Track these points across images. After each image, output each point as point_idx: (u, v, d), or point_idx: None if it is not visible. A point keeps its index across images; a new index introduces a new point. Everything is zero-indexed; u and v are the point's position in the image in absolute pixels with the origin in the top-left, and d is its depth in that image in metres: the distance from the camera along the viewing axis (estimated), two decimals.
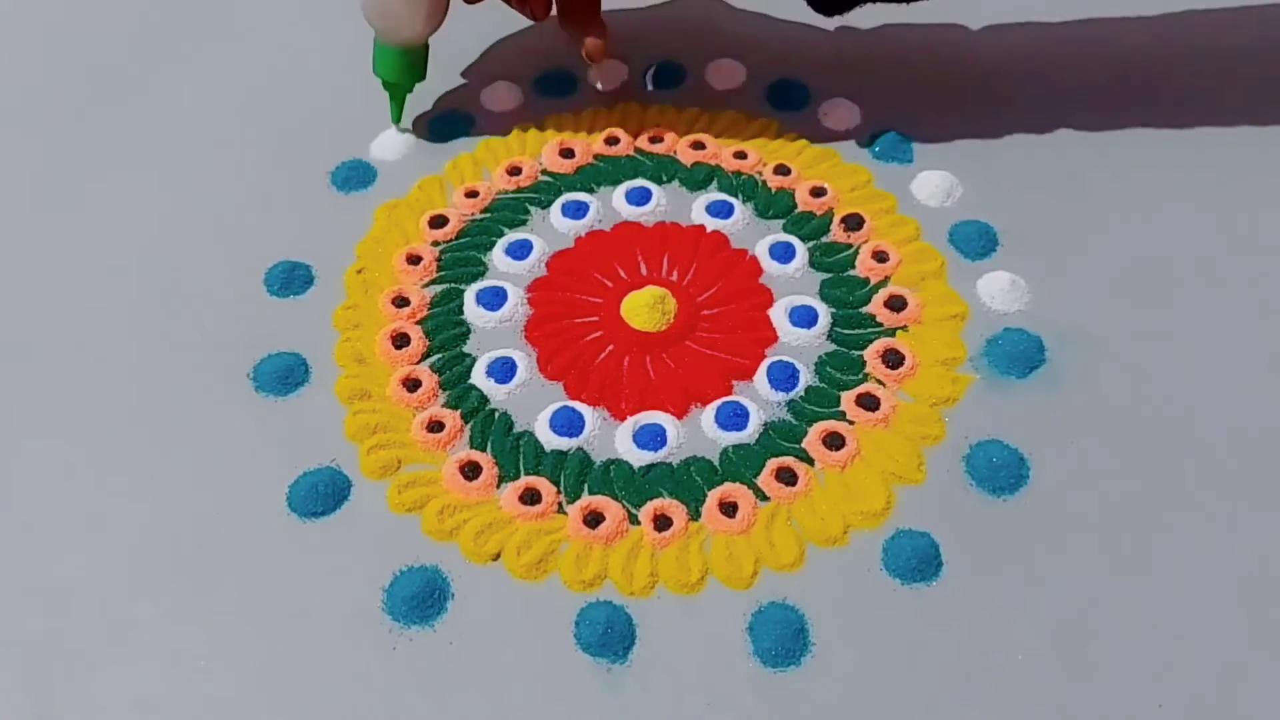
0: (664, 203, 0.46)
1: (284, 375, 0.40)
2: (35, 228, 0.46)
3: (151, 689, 0.34)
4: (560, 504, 0.37)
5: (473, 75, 0.51)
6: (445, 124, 0.49)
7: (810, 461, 0.38)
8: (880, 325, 0.41)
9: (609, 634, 0.34)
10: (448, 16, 0.46)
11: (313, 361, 0.41)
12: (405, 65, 0.47)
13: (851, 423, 0.39)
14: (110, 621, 0.36)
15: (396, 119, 0.49)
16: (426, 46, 0.47)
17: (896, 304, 0.42)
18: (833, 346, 0.41)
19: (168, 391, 0.41)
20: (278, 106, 0.51)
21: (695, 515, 0.37)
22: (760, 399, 0.40)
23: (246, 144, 0.49)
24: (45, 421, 0.40)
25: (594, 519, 0.37)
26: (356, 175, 0.47)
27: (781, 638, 0.34)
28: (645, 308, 0.41)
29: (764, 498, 0.37)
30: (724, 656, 0.34)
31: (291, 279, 0.43)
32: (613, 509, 0.37)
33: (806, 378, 0.40)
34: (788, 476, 0.37)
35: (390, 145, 0.48)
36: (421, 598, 0.35)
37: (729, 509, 0.37)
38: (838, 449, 0.38)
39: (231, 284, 0.43)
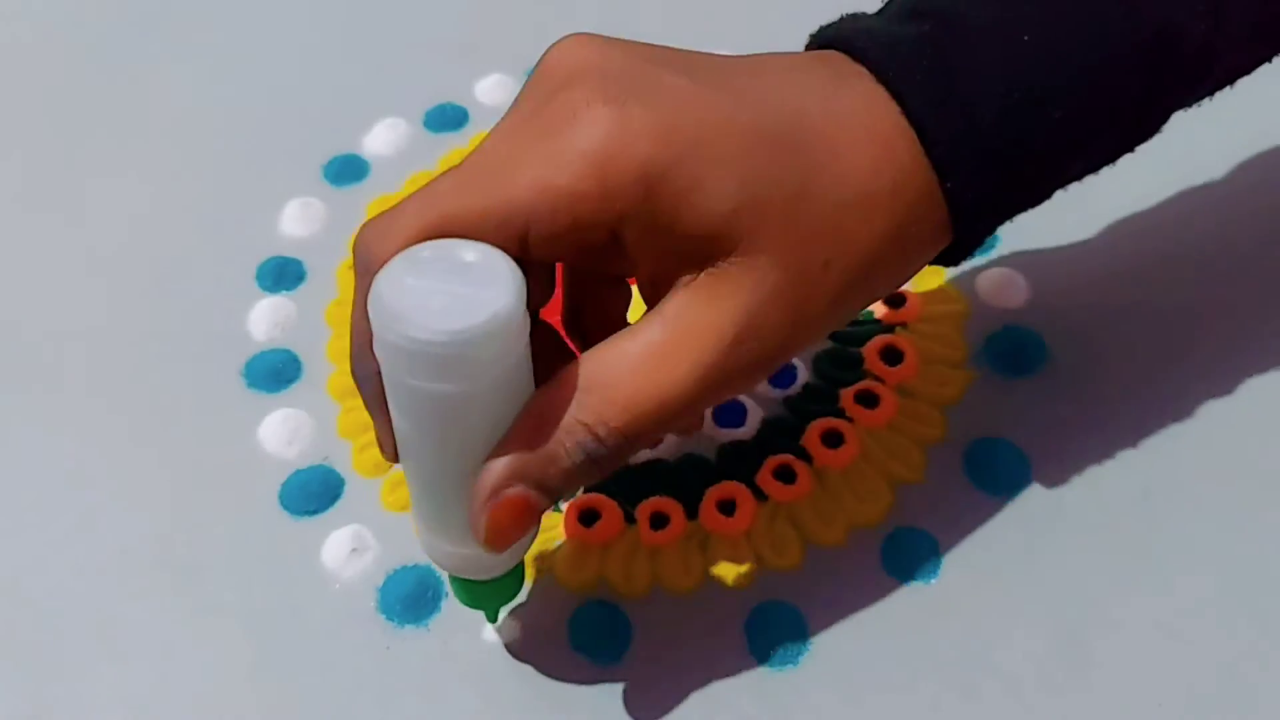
0: None
1: (276, 372, 0.40)
2: (21, 224, 0.46)
3: (143, 689, 0.34)
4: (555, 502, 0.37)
5: (467, 67, 0.51)
6: (439, 117, 0.49)
7: (809, 459, 0.38)
8: (879, 322, 0.41)
9: (604, 634, 0.34)
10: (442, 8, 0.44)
11: (305, 358, 0.41)
12: (501, 587, 0.33)
13: (851, 420, 0.39)
14: (101, 621, 0.35)
15: (493, 619, 0.35)
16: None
17: (895, 300, 0.41)
18: (831, 343, 0.41)
19: (158, 388, 0.40)
20: (269, 99, 0.50)
21: (692, 514, 0.37)
22: (758, 395, 0.39)
23: (237, 137, 0.49)
24: (34, 418, 0.40)
25: (589, 517, 0.36)
26: (349, 169, 0.47)
27: (779, 637, 0.34)
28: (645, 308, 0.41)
29: (762, 496, 0.37)
30: (721, 656, 0.34)
31: (283, 274, 0.43)
32: (609, 507, 0.36)
33: (804, 374, 0.40)
34: (786, 474, 0.37)
35: (383, 139, 0.48)
36: (415, 597, 0.35)
37: (726, 507, 0.36)
38: (836, 447, 0.38)
39: (222, 279, 0.43)
